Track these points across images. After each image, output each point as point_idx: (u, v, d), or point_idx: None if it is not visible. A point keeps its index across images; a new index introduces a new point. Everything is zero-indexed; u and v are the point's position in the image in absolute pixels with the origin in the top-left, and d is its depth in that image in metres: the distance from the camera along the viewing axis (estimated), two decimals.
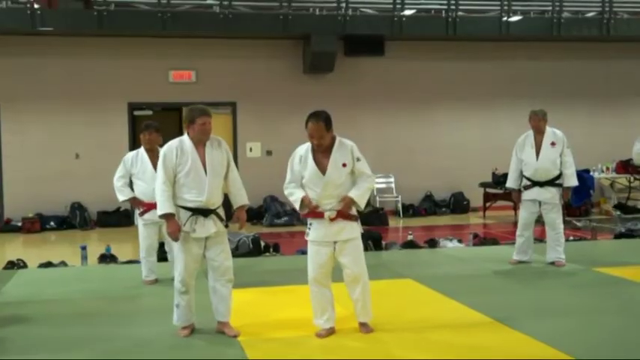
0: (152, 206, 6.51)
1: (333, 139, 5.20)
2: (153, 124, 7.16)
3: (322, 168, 5.13)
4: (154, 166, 6.56)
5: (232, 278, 5.45)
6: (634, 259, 8.26)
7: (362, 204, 5.20)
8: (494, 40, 14.16)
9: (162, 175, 5.20)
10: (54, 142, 12.90)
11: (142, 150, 7.12)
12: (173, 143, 5.29)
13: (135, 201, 7.13)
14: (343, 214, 5.16)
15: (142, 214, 7.07)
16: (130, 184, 7.17)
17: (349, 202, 5.14)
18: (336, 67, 13.50)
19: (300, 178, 5.22)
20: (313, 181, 5.15)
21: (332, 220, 5.12)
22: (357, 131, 13.68)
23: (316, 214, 5.16)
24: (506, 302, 6.36)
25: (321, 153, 5.17)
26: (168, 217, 5.19)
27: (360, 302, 5.32)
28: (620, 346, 5.09)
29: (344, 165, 5.14)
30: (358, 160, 5.18)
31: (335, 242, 5.19)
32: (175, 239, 5.22)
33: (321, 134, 5.09)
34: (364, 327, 5.38)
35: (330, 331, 5.30)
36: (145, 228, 7.11)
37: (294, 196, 5.21)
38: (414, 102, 14.27)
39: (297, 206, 5.24)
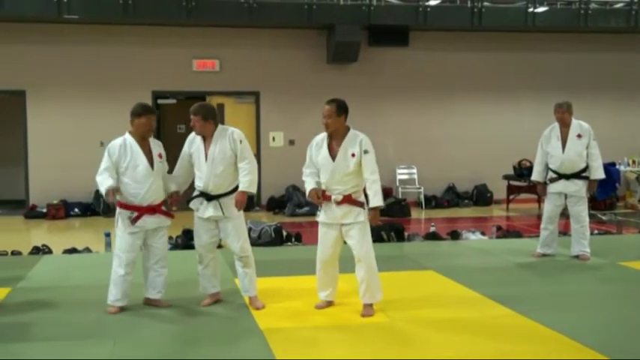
0: (144, 210, 5.73)
1: (347, 130, 5.57)
2: (153, 107, 6.07)
3: (333, 155, 5.52)
4: (150, 160, 5.76)
5: (244, 256, 5.88)
6: None
7: (382, 203, 5.54)
8: (520, 31, 14.02)
9: (180, 159, 5.95)
10: (79, 129, 13.00)
11: (129, 138, 5.77)
12: (190, 136, 5.92)
13: (114, 191, 5.59)
14: (349, 199, 5.50)
15: (134, 220, 5.72)
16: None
17: (375, 215, 5.52)
18: (360, 58, 13.45)
19: (316, 164, 5.62)
20: (324, 166, 5.54)
21: (338, 203, 5.48)
22: (380, 122, 13.72)
23: (325, 197, 5.54)
24: (529, 295, 6.32)
25: (335, 142, 5.54)
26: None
27: (365, 283, 5.59)
28: None
29: (353, 155, 5.47)
30: (366, 152, 5.48)
31: (342, 225, 5.56)
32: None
33: (330, 114, 5.48)
34: (365, 309, 5.62)
35: (329, 304, 5.85)
36: (130, 237, 5.75)
37: (306, 185, 5.68)
38: (438, 93, 14.19)
39: (307, 193, 5.69)
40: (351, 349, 4.91)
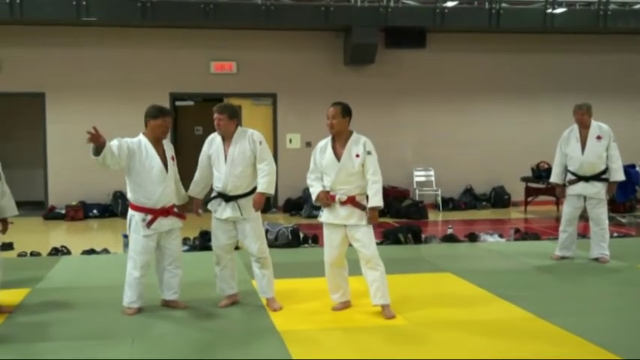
0: (158, 213, 5.72)
1: (351, 133, 5.72)
2: (169, 109, 6.13)
3: (338, 156, 5.66)
4: (164, 162, 5.75)
5: (262, 257, 5.92)
6: None
7: (381, 203, 5.62)
8: (538, 32, 13.94)
9: (200, 161, 6.00)
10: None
11: (144, 139, 5.75)
12: (209, 137, 6.03)
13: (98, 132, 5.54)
14: (353, 200, 5.61)
15: (149, 223, 5.72)
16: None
17: (374, 214, 5.59)
18: (377, 59, 13.43)
19: (321, 167, 5.75)
20: (330, 167, 5.67)
21: (342, 203, 5.59)
22: (398, 123, 13.70)
23: (331, 197, 5.65)
24: (547, 298, 6.29)
25: (339, 144, 5.70)
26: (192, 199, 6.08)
27: (377, 283, 5.63)
28: None
29: (357, 155, 5.62)
30: (369, 153, 5.63)
31: (345, 226, 5.65)
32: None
33: (335, 115, 5.64)
34: (385, 311, 5.63)
35: (346, 305, 5.89)
36: (144, 239, 5.75)
37: (313, 189, 5.80)
38: (456, 95, 14.13)
39: (313, 197, 5.80)
40: (368, 350, 4.91)
